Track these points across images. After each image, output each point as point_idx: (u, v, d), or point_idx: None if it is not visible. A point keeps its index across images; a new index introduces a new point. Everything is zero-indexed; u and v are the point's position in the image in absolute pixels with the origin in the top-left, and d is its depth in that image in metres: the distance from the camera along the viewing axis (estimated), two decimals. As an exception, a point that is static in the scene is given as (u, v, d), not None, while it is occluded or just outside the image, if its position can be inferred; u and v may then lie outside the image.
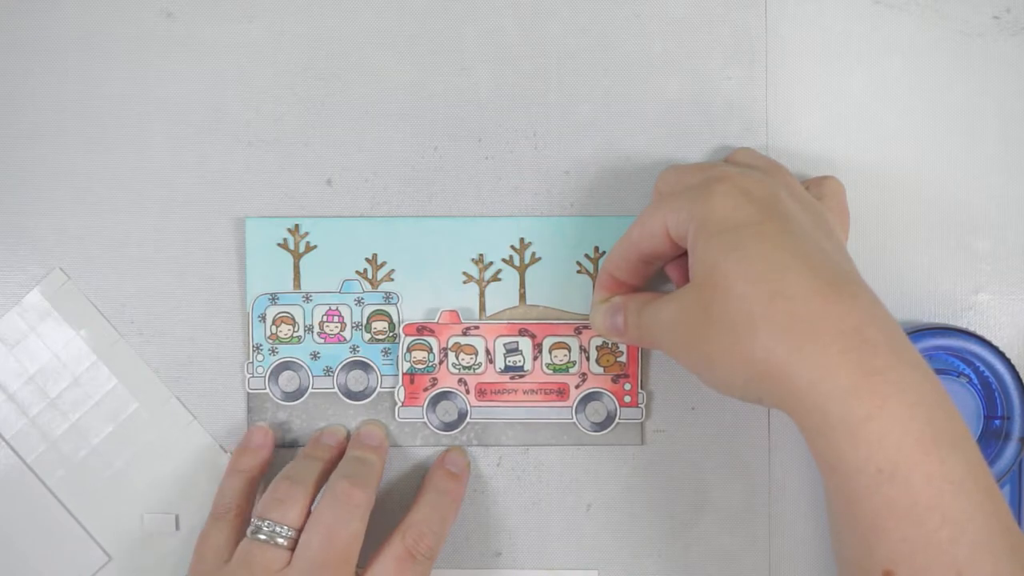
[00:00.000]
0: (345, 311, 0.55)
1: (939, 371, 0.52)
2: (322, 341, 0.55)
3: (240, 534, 0.50)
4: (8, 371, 0.55)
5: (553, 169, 0.55)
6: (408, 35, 0.55)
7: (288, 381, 0.55)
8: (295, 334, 0.55)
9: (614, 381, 0.55)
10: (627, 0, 0.55)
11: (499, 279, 0.55)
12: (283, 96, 0.55)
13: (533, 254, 0.55)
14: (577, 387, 0.55)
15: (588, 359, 0.55)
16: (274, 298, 0.55)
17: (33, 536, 0.55)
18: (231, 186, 0.55)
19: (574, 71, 0.55)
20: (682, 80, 0.55)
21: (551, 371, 0.55)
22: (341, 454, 0.53)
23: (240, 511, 0.52)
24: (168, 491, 0.55)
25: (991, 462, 0.51)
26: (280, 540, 0.48)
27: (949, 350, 0.52)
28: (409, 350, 0.55)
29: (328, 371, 0.55)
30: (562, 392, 0.55)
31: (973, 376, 0.52)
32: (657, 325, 0.47)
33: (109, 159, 0.55)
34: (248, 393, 0.55)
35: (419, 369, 0.55)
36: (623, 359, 0.55)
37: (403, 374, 0.55)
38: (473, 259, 0.55)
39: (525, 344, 0.55)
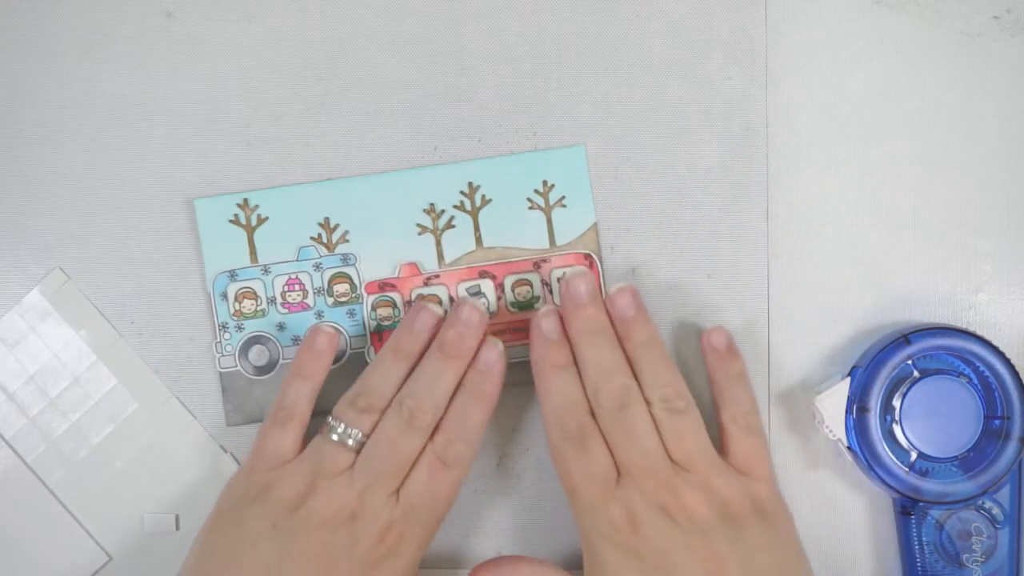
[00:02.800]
0: (305, 278, 0.55)
1: (939, 371, 0.52)
2: (286, 311, 0.55)
3: (300, 440, 0.51)
4: (8, 371, 0.55)
5: (553, 169, 0.55)
6: (408, 35, 0.55)
7: (258, 355, 0.55)
8: (259, 308, 0.55)
9: None
10: (627, 0, 0.55)
11: (453, 226, 0.55)
12: (283, 96, 0.55)
13: (483, 196, 0.55)
14: None
15: (551, 291, 0.55)
16: (233, 275, 0.55)
17: (33, 536, 0.55)
18: (231, 186, 0.55)
19: (574, 71, 0.55)
20: (682, 80, 0.55)
21: (516, 309, 0.55)
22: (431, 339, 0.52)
23: (302, 420, 0.51)
24: (168, 491, 0.55)
25: (991, 462, 0.51)
26: (350, 443, 0.50)
27: (949, 350, 0.52)
28: (374, 308, 0.55)
29: (296, 340, 0.55)
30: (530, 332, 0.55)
31: (973, 376, 0.52)
32: None
33: (109, 159, 0.55)
34: (220, 372, 0.55)
35: (386, 325, 0.55)
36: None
37: (371, 333, 0.55)
38: (425, 209, 0.55)
39: (487, 286, 0.55)
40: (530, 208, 0.55)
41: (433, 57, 0.55)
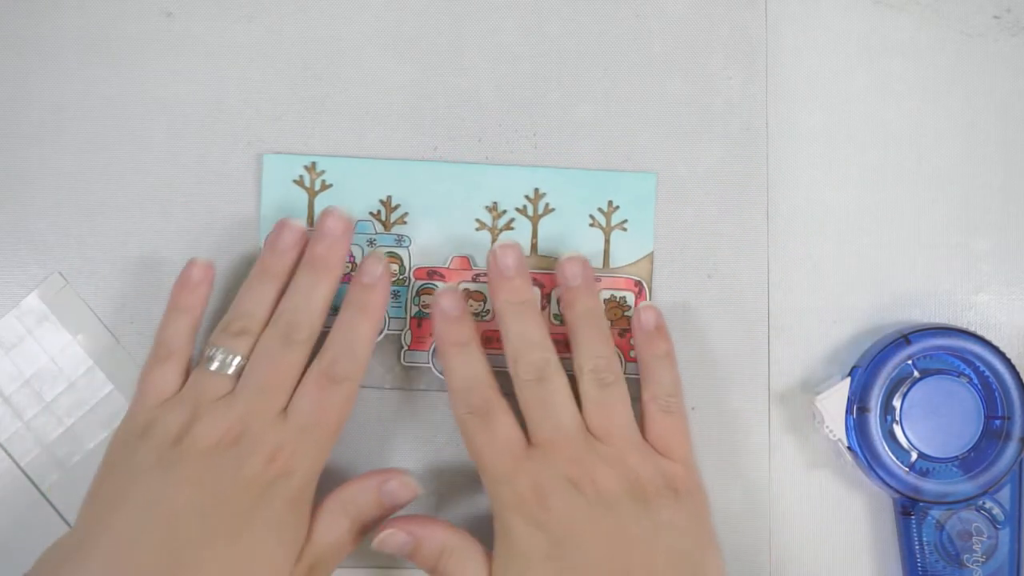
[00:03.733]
0: (357, 252, 0.55)
1: (939, 371, 0.52)
2: None
3: (182, 375, 0.50)
4: (4, 374, 0.55)
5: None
6: (408, 35, 0.55)
7: None
8: None
9: (620, 335, 0.54)
10: (627, 0, 0.55)
11: (512, 228, 0.55)
12: (283, 96, 0.55)
13: (547, 205, 0.55)
14: None
15: None
16: None
17: (25, 540, 0.55)
18: (231, 186, 0.55)
19: (574, 71, 0.55)
20: (682, 80, 0.55)
21: (558, 322, 0.54)
22: (300, 255, 0.52)
23: (182, 354, 0.51)
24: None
25: (991, 463, 0.52)
26: (230, 370, 0.49)
27: (949, 350, 0.52)
28: (418, 294, 0.55)
29: (338, 311, 0.55)
30: (569, 344, 0.54)
31: (973, 376, 0.52)
32: None
33: (109, 159, 0.55)
34: None
35: (427, 313, 0.54)
36: (630, 313, 0.54)
37: (411, 318, 0.55)
38: (487, 207, 0.55)
39: (534, 295, 0.54)
40: (591, 225, 0.55)
41: (433, 57, 0.55)
